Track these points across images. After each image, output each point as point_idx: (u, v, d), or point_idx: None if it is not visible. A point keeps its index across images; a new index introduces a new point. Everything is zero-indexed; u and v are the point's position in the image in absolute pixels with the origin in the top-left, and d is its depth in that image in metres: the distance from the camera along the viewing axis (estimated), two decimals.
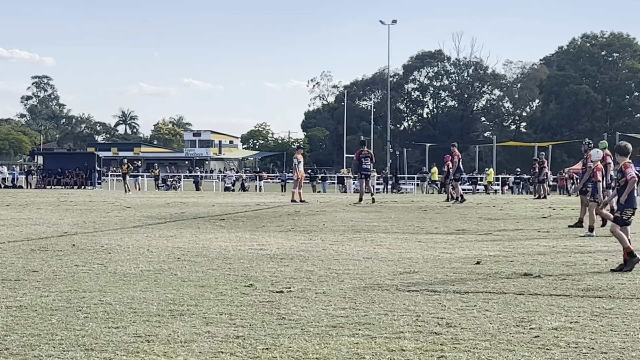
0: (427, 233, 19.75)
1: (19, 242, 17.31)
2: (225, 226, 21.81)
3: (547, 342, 7.78)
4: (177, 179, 70.82)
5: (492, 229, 20.92)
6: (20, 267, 13.17)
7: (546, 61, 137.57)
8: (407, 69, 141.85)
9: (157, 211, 28.28)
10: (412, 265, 13.52)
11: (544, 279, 11.94)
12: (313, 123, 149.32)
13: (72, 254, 15.06)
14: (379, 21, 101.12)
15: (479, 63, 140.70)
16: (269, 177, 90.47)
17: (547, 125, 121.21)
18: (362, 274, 12.44)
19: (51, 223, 22.65)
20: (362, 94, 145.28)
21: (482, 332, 8.21)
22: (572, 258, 14.51)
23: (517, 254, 15.28)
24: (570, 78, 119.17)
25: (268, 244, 16.91)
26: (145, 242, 17.17)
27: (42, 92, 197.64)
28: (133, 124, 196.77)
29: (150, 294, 10.49)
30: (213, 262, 13.80)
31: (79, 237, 18.33)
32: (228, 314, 9.10)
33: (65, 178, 63.74)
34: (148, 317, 8.95)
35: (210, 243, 17.11)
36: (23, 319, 8.80)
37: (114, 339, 7.88)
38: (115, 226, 21.71)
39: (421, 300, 10.04)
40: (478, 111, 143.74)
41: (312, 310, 9.39)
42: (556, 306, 9.64)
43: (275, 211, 28.89)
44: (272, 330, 8.27)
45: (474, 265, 13.40)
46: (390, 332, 8.22)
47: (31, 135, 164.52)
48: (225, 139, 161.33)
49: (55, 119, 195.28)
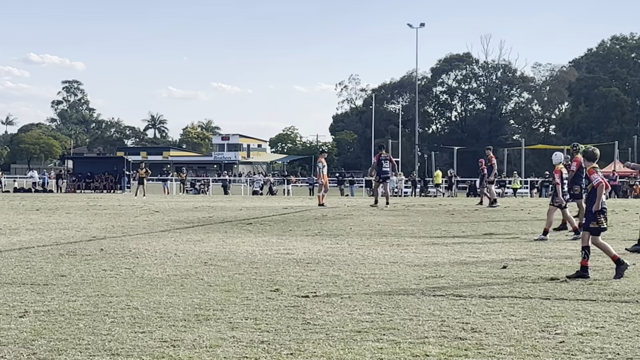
0: (454, 237, 19.72)
1: (48, 246, 17.45)
2: (252, 230, 21.87)
3: (573, 347, 7.75)
4: (206, 183, 70.99)
5: (519, 233, 20.84)
6: (48, 271, 13.28)
7: (575, 63, 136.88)
8: (435, 72, 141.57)
9: (185, 215, 28.40)
10: (438, 269, 13.50)
11: (570, 283, 11.90)
12: (341, 126, 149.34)
13: (100, 258, 15.17)
14: (407, 24, 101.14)
15: (508, 66, 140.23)
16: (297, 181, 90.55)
17: (577, 128, 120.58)
18: (388, 279, 12.44)
19: (80, 227, 22.81)
20: (390, 97, 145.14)
21: (507, 337, 8.20)
22: (599, 262, 14.42)
23: (544, 258, 15.23)
24: (600, 80, 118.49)
25: (295, 248, 16.95)
26: (173, 247, 17.26)
27: (72, 96, 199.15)
28: (162, 128, 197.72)
29: (176, 299, 10.54)
30: (239, 267, 13.85)
31: (107, 242, 18.45)
32: (253, 319, 9.14)
33: (95, 182, 64.15)
34: (174, 321, 9.01)
35: (237, 247, 17.17)
36: (51, 324, 8.88)
37: (140, 343, 7.93)
38: (143, 230, 21.83)
39: (446, 305, 10.03)
40: (507, 114, 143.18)
41: (337, 315, 9.41)
42: (582, 311, 9.60)
43: (303, 215, 28.93)
44: (296, 335, 8.29)
45: (500, 270, 13.37)
46: (414, 337, 8.22)
47: (61, 140, 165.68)
48: (253, 143, 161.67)
49: (85, 123, 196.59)
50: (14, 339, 8.11)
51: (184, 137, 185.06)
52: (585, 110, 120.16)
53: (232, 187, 73.99)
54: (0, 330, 8.55)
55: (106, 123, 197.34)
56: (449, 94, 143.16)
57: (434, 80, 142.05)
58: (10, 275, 12.87)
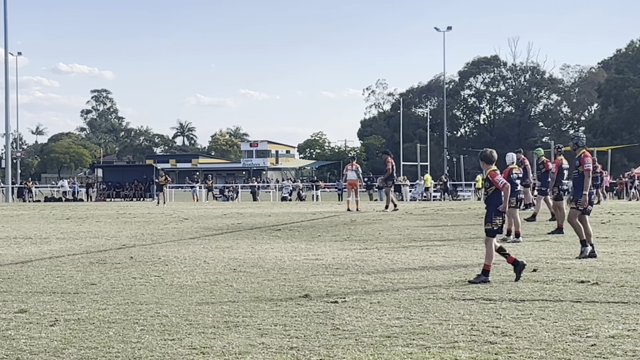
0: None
1: (78, 255, 17.54)
2: (281, 236, 21.87)
3: (604, 350, 7.68)
4: (234, 190, 71.12)
5: (549, 236, 20.70)
6: (79, 280, 13.35)
7: (604, 64, 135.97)
8: (462, 75, 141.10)
9: (214, 222, 28.46)
10: (467, 273, 13.44)
11: (601, 285, 11.80)
12: (369, 131, 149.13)
13: (130, 266, 15.23)
14: (434, 28, 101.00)
15: (536, 68, 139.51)
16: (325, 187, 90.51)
17: (606, 129, 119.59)
18: (417, 283, 12.40)
19: (110, 236, 22.92)
20: (418, 102, 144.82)
21: (537, 341, 8.14)
22: (631, 264, 14.32)
23: (574, 260, 15.12)
24: (629, 81, 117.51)
25: (323, 254, 16.93)
26: (202, 254, 17.29)
27: (102, 105, 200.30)
28: (191, 136, 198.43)
29: (206, 306, 10.56)
30: (269, 273, 13.86)
31: (137, 250, 18.52)
32: (283, 325, 9.13)
33: (125, 190, 64.46)
34: (203, 328, 9.02)
35: (266, 254, 17.18)
36: (81, 332, 8.92)
37: (170, 351, 7.95)
38: (172, 238, 21.90)
39: (476, 309, 9.98)
40: (535, 116, 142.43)
41: (367, 320, 9.39)
42: (614, 314, 9.52)
43: (332, 220, 28.90)
44: (326, 341, 8.28)
45: (530, 273, 13.28)
46: (444, 341, 8.18)
47: (91, 149, 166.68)
48: (282, 149, 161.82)
49: (115, 132, 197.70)
50: (44, 348, 8.15)
51: (212, 144, 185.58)
52: (615, 112, 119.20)
53: (261, 194, 74.06)
54: (31, 339, 8.60)
55: (135, 131, 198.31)
56: (477, 97, 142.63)
57: (462, 84, 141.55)
58: (41, 284, 12.95)
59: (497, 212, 12.53)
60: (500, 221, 12.61)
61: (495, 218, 12.52)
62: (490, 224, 12.59)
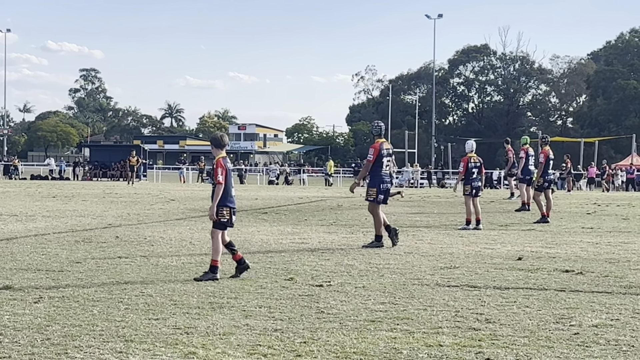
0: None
1: (63, 233, 17.51)
2: (267, 219, 21.88)
3: (587, 339, 7.72)
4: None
5: (535, 225, 20.77)
6: (64, 258, 13.33)
7: (594, 56, 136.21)
8: (452, 63, 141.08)
9: (201, 204, 28.43)
10: (453, 260, 13.48)
11: (585, 275, 11.85)
12: (358, 117, 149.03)
13: (116, 245, 15.21)
14: (425, 15, 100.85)
15: (526, 58, 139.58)
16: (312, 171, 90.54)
17: (594, 121, 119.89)
18: (402, 269, 12.43)
19: (96, 215, 22.88)
20: (407, 89, 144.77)
21: (521, 328, 8.17)
22: (615, 255, 14.38)
23: (559, 250, 15.17)
24: (618, 73, 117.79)
25: (309, 238, 16.95)
26: (188, 235, 17.29)
27: (90, 84, 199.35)
28: (179, 117, 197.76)
29: (190, 286, 10.56)
30: (254, 255, 13.85)
31: (123, 229, 18.50)
32: (267, 307, 9.14)
33: (111, 170, 64.30)
34: (188, 309, 9.02)
35: (252, 236, 17.18)
36: (65, 310, 8.91)
37: (154, 330, 7.94)
38: (158, 219, 21.88)
39: (461, 296, 10.01)
40: (524, 106, 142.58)
41: (351, 304, 9.40)
42: (597, 303, 9.56)
43: (318, 205, 28.93)
44: (310, 324, 8.29)
45: (515, 261, 13.33)
46: (428, 327, 8.20)
47: (78, 128, 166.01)
48: (270, 133, 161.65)
49: (103, 111, 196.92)
50: (28, 324, 8.14)
51: (200, 126, 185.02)
52: (603, 103, 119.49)
53: (248, 177, 74.00)
54: (15, 315, 8.59)
55: (123, 111, 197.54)
56: (466, 85, 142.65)
57: (451, 72, 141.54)
58: (26, 261, 12.93)
59: (223, 205, 11.36)
60: (229, 213, 11.45)
61: (222, 209, 11.38)
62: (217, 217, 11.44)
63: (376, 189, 15.57)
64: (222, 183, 11.33)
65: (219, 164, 11.41)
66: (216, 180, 11.35)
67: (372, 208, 15.79)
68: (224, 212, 11.42)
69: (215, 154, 11.63)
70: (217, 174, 11.36)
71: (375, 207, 15.68)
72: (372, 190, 15.62)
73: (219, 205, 11.34)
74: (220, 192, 11.31)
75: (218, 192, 11.32)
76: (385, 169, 15.66)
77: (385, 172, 15.70)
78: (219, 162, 11.43)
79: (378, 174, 15.60)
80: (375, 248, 15.21)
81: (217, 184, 11.35)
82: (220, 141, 11.70)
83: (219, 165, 11.40)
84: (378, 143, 15.70)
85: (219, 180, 11.32)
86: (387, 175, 15.79)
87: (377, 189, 15.57)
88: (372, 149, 15.65)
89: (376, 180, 15.60)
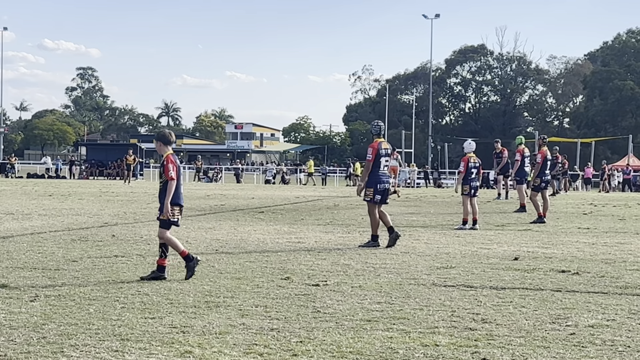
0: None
1: (60, 232, 17.49)
2: (264, 219, 21.87)
3: (583, 339, 7.71)
4: (218, 171, 71.04)
5: (531, 225, 20.78)
6: (60, 256, 13.32)
7: (590, 57, 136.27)
8: (449, 63, 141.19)
9: (197, 203, 28.42)
10: (449, 260, 13.48)
11: (582, 275, 11.85)
12: (354, 117, 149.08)
13: (112, 244, 15.20)
14: (422, 15, 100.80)
15: (522, 58, 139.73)
16: None
17: (591, 121, 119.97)
18: (399, 269, 12.43)
19: (92, 214, 22.86)
20: (404, 88, 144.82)
21: (517, 328, 8.17)
22: (612, 255, 14.39)
23: (556, 250, 15.18)
24: (615, 74, 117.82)
25: (306, 237, 16.95)
26: (184, 234, 17.26)
27: (87, 83, 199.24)
28: (176, 116, 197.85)
29: (187, 285, 10.56)
30: (250, 255, 13.86)
31: (119, 228, 18.48)
32: (263, 307, 9.13)
33: (108, 169, 64.27)
34: (184, 308, 9.01)
35: (248, 235, 17.18)
36: (61, 308, 8.90)
37: (150, 329, 7.94)
38: (155, 217, 21.82)
39: (457, 296, 10.00)
40: (521, 106, 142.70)
41: (348, 304, 9.40)
42: (593, 303, 9.56)
43: (315, 204, 28.93)
44: (306, 324, 8.28)
45: (511, 261, 13.33)
46: (424, 327, 8.20)
47: (75, 126, 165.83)
48: (266, 132, 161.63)
49: (99, 110, 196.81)
50: (24, 323, 8.13)
51: (197, 125, 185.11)
52: (600, 104, 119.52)
53: (245, 176, 74.00)
54: (11, 314, 8.57)
55: (120, 110, 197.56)
56: (463, 85, 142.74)
57: (448, 72, 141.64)
58: (22, 259, 12.91)
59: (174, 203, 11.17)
60: (178, 211, 11.25)
61: (173, 208, 11.19)
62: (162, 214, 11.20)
63: (373, 189, 15.56)
64: (175, 179, 11.09)
65: (170, 160, 11.14)
66: (168, 177, 11.06)
67: (370, 208, 15.79)
68: (174, 211, 11.22)
69: (162, 151, 11.38)
70: (168, 170, 11.07)
71: (372, 207, 15.68)
72: (369, 191, 15.61)
73: (173, 206, 11.12)
74: (173, 188, 11.09)
75: (170, 188, 11.07)
76: (383, 168, 15.64)
77: (384, 172, 15.68)
78: (169, 159, 11.16)
79: (375, 174, 15.59)
80: (372, 248, 15.21)
81: (169, 180, 11.06)
82: (169, 138, 11.46)
83: (170, 161, 11.13)
84: (376, 142, 15.68)
85: (171, 176, 11.05)
86: (385, 175, 15.77)
87: (374, 189, 15.56)
88: (371, 148, 15.64)
89: (373, 180, 15.58)
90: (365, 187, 15.73)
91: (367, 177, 15.68)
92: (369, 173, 15.67)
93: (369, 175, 15.65)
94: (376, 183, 15.56)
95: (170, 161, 11.14)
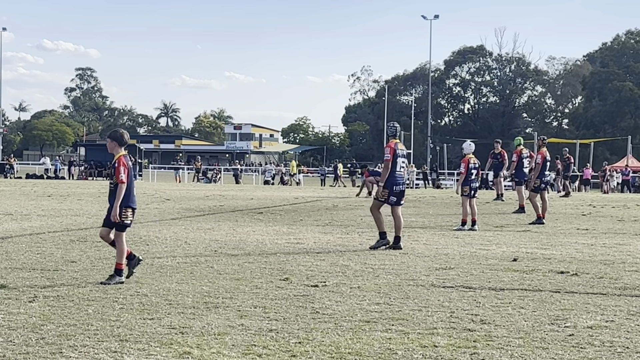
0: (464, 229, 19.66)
1: (58, 232, 17.49)
2: (263, 220, 21.87)
3: (582, 340, 7.72)
4: (217, 172, 71.02)
5: (530, 226, 20.78)
6: (59, 257, 13.32)
7: (589, 58, 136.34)
8: (448, 64, 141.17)
9: (196, 204, 28.42)
10: (448, 261, 13.48)
11: (580, 277, 11.85)
12: (354, 117, 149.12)
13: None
14: (421, 16, 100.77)
15: (521, 59, 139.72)
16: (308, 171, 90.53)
17: (590, 122, 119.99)
18: (397, 270, 12.43)
19: (91, 214, 22.85)
20: (403, 89, 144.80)
21: (516, 329, 8.17)
22: (611, 256, 14.38)
23: (554, 251, 15.18)
24: (614, 75, 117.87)
25: (305, 238, 16.95)
26: (183, 235, 17.28)
27: (86, 84, 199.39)
28: (175, 117, 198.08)
29: (186, 286, 10.56)
30: (249, 256, 13.86)
31: None
32: (262, 307, 9.13)
33: (107, 170, 64.19)
34: (183, 309, 9.01)
35: (247, 236, 17.18)
36: (60, 309, 8.89)
37: (149, 330, 7.94)
38: (154, 218, 21.87)
39: (456, 297, 10.01)
40: (520, 107, 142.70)
41: (347, 304, 9.40)
42: (592, 305, 9.56)
43: (314, 205, 28.92)
44: (305, 324, 8.29)
45: (510, 262, 13.34)
46: (423, 327, 8.20)
47: (74, 127, 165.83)
48: (265, 133, 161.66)
49: (98, 110, 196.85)
50: (23, 324, 8.13)
51: (196, 125, 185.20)
52: (599, 105, 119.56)
53: (244, 177, 74.02)
54: (10, 314, 8.57)
55: (119, 111, 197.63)
56: (462, 86, 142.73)
57: (447, 73, 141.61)
58: (21, 260, 12.91)
59: (126, 206, 10.99)
60: (131, 214, 11.08)
61: (126, 210, 11.00)
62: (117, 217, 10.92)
63: (388, 190, 15.48)
64: (125, 182, 10.89)
65: (121, 162, 10.91)
66: (118, 180, 10.86)
67: (373, 206, 15.77)
68: (127, 214, 11.02)
69: (115, 151, 11.08)
70: (119, 173, 10.85)
71: (376, 205, 15.67)
72: (385, 192, 15.52)
73: (121, 206, 10.90)
74: (123, 191, 10.88)
75: (121, 192, 10.86)
76: (399, 169, 15.62)
77: (400, 172, 15.63)
78: (120, 161, 10.93)
79: (392, 175, 15.51)
80: (381, 247, 15.20)
81: (119, 184, 10.86)
82: (122, 138, 11.17)
83: (121, 163, 10.90)
84: (393, 143, 15.66)
85: (122, 180, 10.85)
86: (401, 176, 15.68)
87: (389, 190, 15.48)
88: (388, 147, 15.59)
89: (390, 182, 15.50)
90: (381, 188, 15.61)
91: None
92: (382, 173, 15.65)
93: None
94: (392, 185, 15.48)
95: (121, 163, 10.92)
